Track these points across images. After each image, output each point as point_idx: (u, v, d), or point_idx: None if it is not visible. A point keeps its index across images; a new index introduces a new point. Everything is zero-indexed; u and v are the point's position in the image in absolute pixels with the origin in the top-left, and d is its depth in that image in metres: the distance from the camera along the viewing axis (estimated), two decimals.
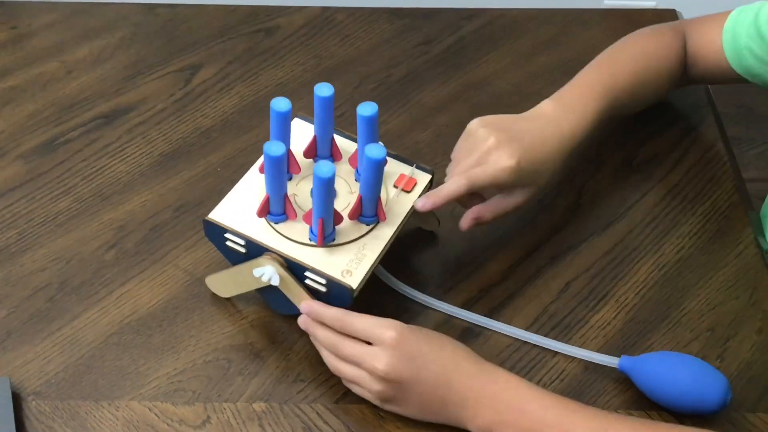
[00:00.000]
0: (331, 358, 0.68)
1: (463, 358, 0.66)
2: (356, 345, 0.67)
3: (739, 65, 0.84)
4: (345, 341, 0.67)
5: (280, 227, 0.71)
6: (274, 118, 0.70)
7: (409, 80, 0.97)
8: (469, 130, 0.76)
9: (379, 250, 0.70)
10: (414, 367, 0.65)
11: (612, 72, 0.82)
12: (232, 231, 0.70)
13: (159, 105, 0.93)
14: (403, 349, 0.65)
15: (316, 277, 0.68)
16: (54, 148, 0.88)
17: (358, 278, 0.68)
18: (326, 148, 0.75)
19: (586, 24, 1.05)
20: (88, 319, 0.74)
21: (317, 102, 0.72)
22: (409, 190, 0.74)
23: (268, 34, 1.02)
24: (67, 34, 1.00)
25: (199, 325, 0.74)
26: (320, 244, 0.69)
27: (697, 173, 0.88)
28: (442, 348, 0.66)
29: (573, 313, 0.76)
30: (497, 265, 0.79)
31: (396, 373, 0.65)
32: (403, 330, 0.66)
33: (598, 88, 0.81)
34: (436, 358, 0.66)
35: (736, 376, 0.72)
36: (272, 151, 0.66)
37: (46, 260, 0.79)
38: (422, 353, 0.65)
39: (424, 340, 0.66)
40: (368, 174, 0.68)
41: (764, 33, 0.81)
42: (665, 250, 0.81)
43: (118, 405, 0.69)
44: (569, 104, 0.79)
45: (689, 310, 0.76)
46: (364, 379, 0.66)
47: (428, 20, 1.05)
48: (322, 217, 0.68)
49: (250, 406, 0.69)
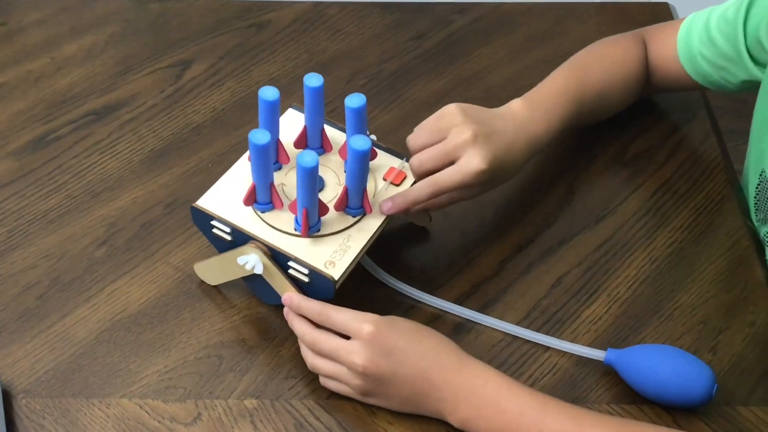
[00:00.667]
0: (309, 354, 0.68)
1: (443, 352, 0.66)
2: (334, 339, 0.66)
3: (694, 72, 0.85)
4: (323, 335, 0.67)
5: (266, 216, 0.71)
6: (262, 107, 0.70)
7: (400, 75, 0.97)
8: (446, 111, 0.74)
9: (363, 242, 0.70)
10: (392, 361, 0.65)
11: (580, 78, 0.82)
12: (219, 218, 0.70)
13: (150, 101, 0.93)
14: (381, 343, 0.65)
15: (299, 267, 0.68)
16: (44, 144, 0.88)
17: (341, 269, 0.68)
18: (317, 138, 0.75)
19: (579, 18, 1.05)
20: (78, 316, 0.74)
21: (307, 92, 0.72)
22: (398, 183, 0.74)
23: (260, 29, 1.02)
24: (57, 30, 1.00)
25: (190, 321, 0.74)
26: (304, 234, 0.69)
27: (689, 167, 0.88)
28: (420, 341, 0.66)
29: (565, 308, 0.76)
30: (489, 260, 0.79)
31: (375, 368, 0.65)
32: (381, 324, 0.65)
33: (567, 95, 0.80)
34: (415, 351, 0.65)
35: (728, 370, 0.72)
36: (257, 139, 0.66)
37: (36, 257, 0.78)
38: (400, 347, 0.65)
39: (402, 333, 0.66)
40: (353, 165, 0.68)
41: (714, 37, 0.81)
42: (657, 244, 0.81)
43: (108, 402, 0.69)
44: (540, 107, 0.79)
45: (681, 304, 0.76)
46: (343, 373, 0.66)
47: (420, 14, 1.04)
48: (306, 207, 0.68)
49: (241, 402, 0.69)
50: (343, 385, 0.67)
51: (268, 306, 0.75)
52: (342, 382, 0.67)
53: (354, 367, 0.65)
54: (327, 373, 0.68)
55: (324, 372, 0.68)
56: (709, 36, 0.82)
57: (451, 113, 0.74)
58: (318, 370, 0.68)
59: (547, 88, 0.81)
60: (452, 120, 0.73)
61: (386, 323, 0.66)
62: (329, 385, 0.68)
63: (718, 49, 0.82)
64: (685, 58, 0.85)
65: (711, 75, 0.84)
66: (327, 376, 0.68)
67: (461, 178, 0.72)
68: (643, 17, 1.05)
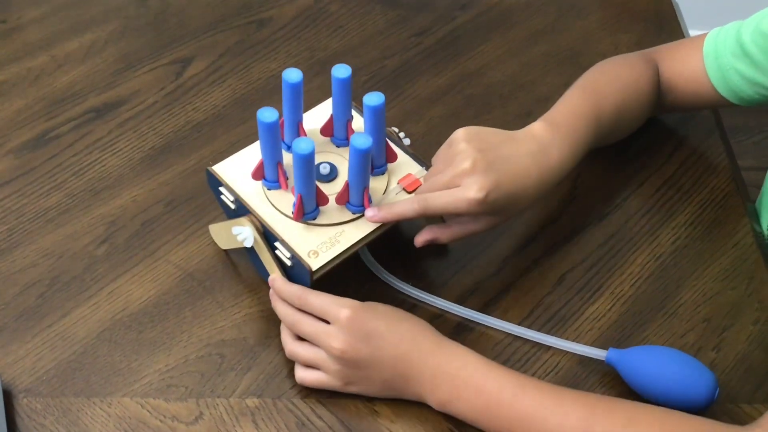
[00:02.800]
0: (288, 340, 0.69)
1: (420, 334, 0.66)
2: (314, 322, 0.67)
3: (725, 88, 0.82)
4: (305, 317, 0.67)
5: (271, 194, 0.72)
6: (285, 89, 0.71)
7: (402, 71, 0.96)
8: (452, 139, 0.72)
9: (354, 240, 0.70)
10: (371, 345, 0.65)
11: (597, 100, 0.79)
12: (226, 186, 0.72)
13: (150, 98, 0.92)
14: (359, 327, 0.65)
15: (284, 249, 0.69)
16: (44, 142, 0.88)
17: (322, 261, 0.68)
18: (342, 129, 0.75)
19: (580, 13, 1.04)
20: (79, 315, 0.74)
21: (334, 83, 0.72)
22: (411, 191, 0.73)
23: (261, 25, 1.01)
24: (57, 28, 0.99)
25: (191, 320, 0.74)
26: (296, 218, 0.70)
27: (693, 163, 0.87)
28: (398, 325, 0.66)
29: (568, 306, 0.75)
30: (492, 258, 0.79)
31: (353, 352, 0.65)
32: (358, 308, 0.66)
33: (586, 116, 0.77)
34: (393, 335, 0.66)
35: (732, 367, 0.71)
36: (265, 117, 0.67)
37: (36, 256, 0.78)
38: (378, 331, 0.65)
39: (380, 316, 0.66)
40: (352, 162, 0.68)
41: (750, 51, 0.79)
42: (661, 241, 0.80)
43: (110, 401, 0.69)
44: (562, 129, 0.74)
45: (685, 301, 0.76)
46: (322, 359, 0.67)
47: (422, 11, 1.04)
48: (301, 193, 0.68)
49: (243, 401, 0.69)
50: (322, 375, 0.67)
51: (269, 305, 0.75)
52: (321, 369, 0.67)
53: (332, 351, 0.65)
54: (305, 359, 0.68)
55: (302, 358, 0.68)
56: (743, 50, 0.79)
57: (457, 139, 0.71)
58: (296, 357, 0.68)
59: (566, 108, 0.77)
60: (457, 147, 0.71)
61: (364, 308, 0.66)
62: (306, 379, 0.68)
63: (755, 63, 0.79)
64: (716, 75, 0.82)
65: (744, 90, 0.81)
66: (305, 362, 0.68)
67: (453, 204, 0.69)
68: (646, 13, 1.05)
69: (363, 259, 0.75)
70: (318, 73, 0.95)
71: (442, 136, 0.78)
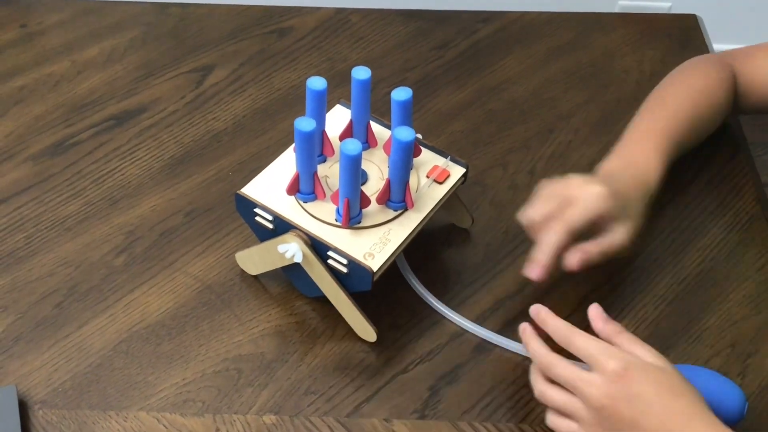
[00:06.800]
0: (539, 381, 0.64)
1: (696, 418, 0.59)
2: (572, 367, 0.62)
3: None
4: (562, 361, 0.63)
5: (308, 206, 0.71)
6: (309, 97, 0.71)
7: (423, 85, 0.95)
8: (542, 186, 0.73)
9: (404, 237, 0.70)
10: (634, 409, 0.59)
11: (668, 116, 0.80)
12: (262, 206, 0.71)
13: (170, 107, 0.92)
14: (626, 384, 0.59)
15: (338, 257, 0.68)
16: (64, 149, 0.87)
17: (380, 262, 0.68)
18: (362, 132, 0.75)
19: (603, 28, 1.03)
20: (96, 326, 0.73)
21: (354, 85, 0.72)
22: (442, 181, 0.74)
23: (281, 35, 1.01)
24: (77, 33, 0.99)
25: (209, 333, 0.73)
26: (345, 225, 0.69)
27: (717, 184, 0.86)
28: (673, 399, 0.59)
29: (590, 328, 0.74)
30: (513, 276, 0.78)
31: (613, 408, 0.59)
32: (630, 364, 0.60)
33: (658, 137, 0.78)
34: (664, 408, 0.59)
35: (757, 394, 0.70)
36: (302, 126, 0.66)
37: (54, 265, 0.77)
38: (648, 397, 0.59)
39: (651, 381, 0.60)
40: (396, 156, 0.68)
41: None
42: (685, 263, 0.79)
43: (126, 415, 0.68)
44: (632, 160, 0.77)
45: (709, 326, 0.75)
46: (577, 408, 0.61)
47: (443, 23, 1.03)
48: (348, 197, 0.68)
49: (260, 418, 0.68)
50: (575, 427, 0.62)
51: (286, 319, 0.74)
52: (573, 418, 0.62)
53: (590, 401, 0.60)
54: (557, 405, 0.63)
55: (554, 402, 0.63)
56: None
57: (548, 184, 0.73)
58: (546, 400, 0.64)
59: (635, 135, 0.79)
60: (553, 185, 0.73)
61: (636, 366, 0.60)
62: (560, 426, 0.63)
63: None
64: None
65: None
66: (557, 407, 0.63)
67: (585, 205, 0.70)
68: (670, 29, 1.04)
69: (396, 260, 0.74)
70: (338, 84, 0.94)
71: (463, 151, 0.78)
